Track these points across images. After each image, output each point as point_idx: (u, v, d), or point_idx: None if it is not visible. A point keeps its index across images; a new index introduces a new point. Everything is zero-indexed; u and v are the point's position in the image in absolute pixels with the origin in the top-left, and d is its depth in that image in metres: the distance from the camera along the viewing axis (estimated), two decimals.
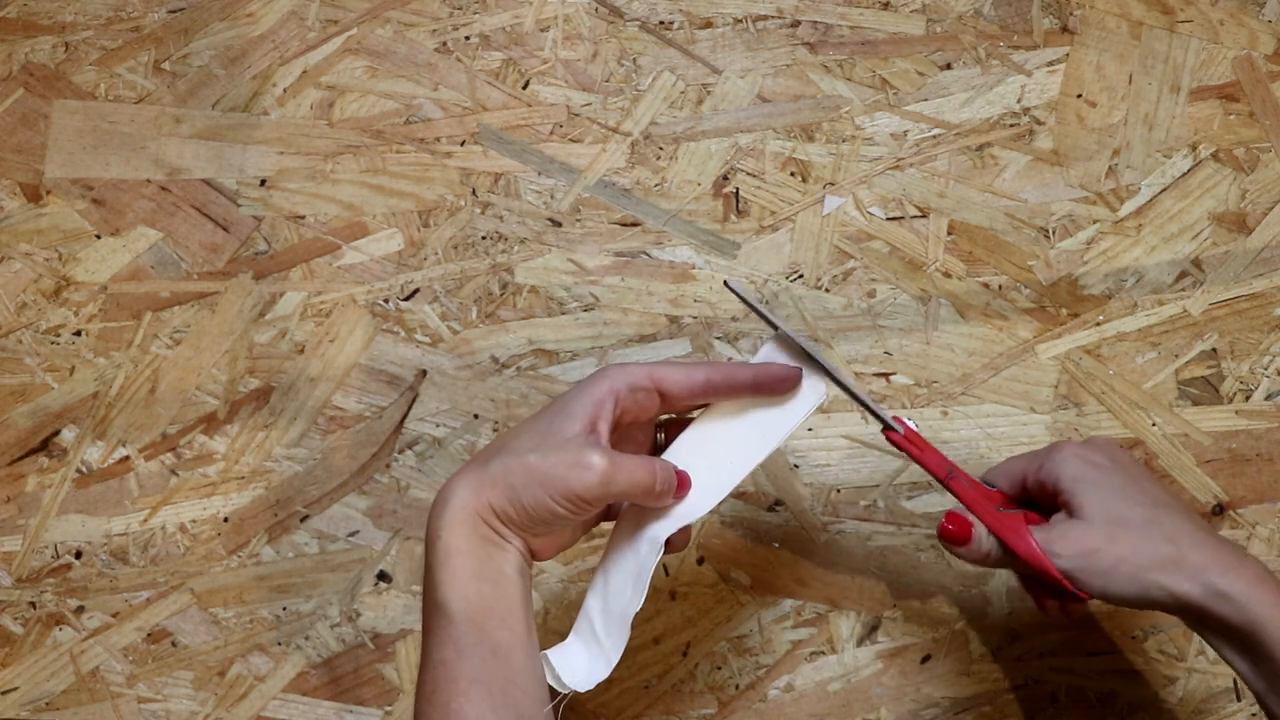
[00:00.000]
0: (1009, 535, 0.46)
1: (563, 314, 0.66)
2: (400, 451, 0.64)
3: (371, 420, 0.64)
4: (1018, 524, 0.46)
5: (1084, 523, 0.45)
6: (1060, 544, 0.45)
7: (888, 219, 0.67)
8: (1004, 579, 0.61)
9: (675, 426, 0.49)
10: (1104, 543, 0.44)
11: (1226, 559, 0.43)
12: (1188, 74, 0.69)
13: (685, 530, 0.47)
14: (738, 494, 0.62)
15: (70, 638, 0.61)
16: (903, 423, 0.49)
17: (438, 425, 0.64)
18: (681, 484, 0.46)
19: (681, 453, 0.48)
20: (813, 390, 0.48)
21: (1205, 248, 0.66)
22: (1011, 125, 0.68)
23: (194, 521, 0.63)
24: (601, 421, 0.43)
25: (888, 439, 0.49)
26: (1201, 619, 0.43)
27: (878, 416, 0.49)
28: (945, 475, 0.48)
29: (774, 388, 0.47)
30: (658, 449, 0.49)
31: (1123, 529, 0.44)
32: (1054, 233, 0.66)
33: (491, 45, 0.71)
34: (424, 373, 0.65)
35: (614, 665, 0.46)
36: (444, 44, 0.71)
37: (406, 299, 0.66)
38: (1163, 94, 0.69)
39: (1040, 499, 0.48)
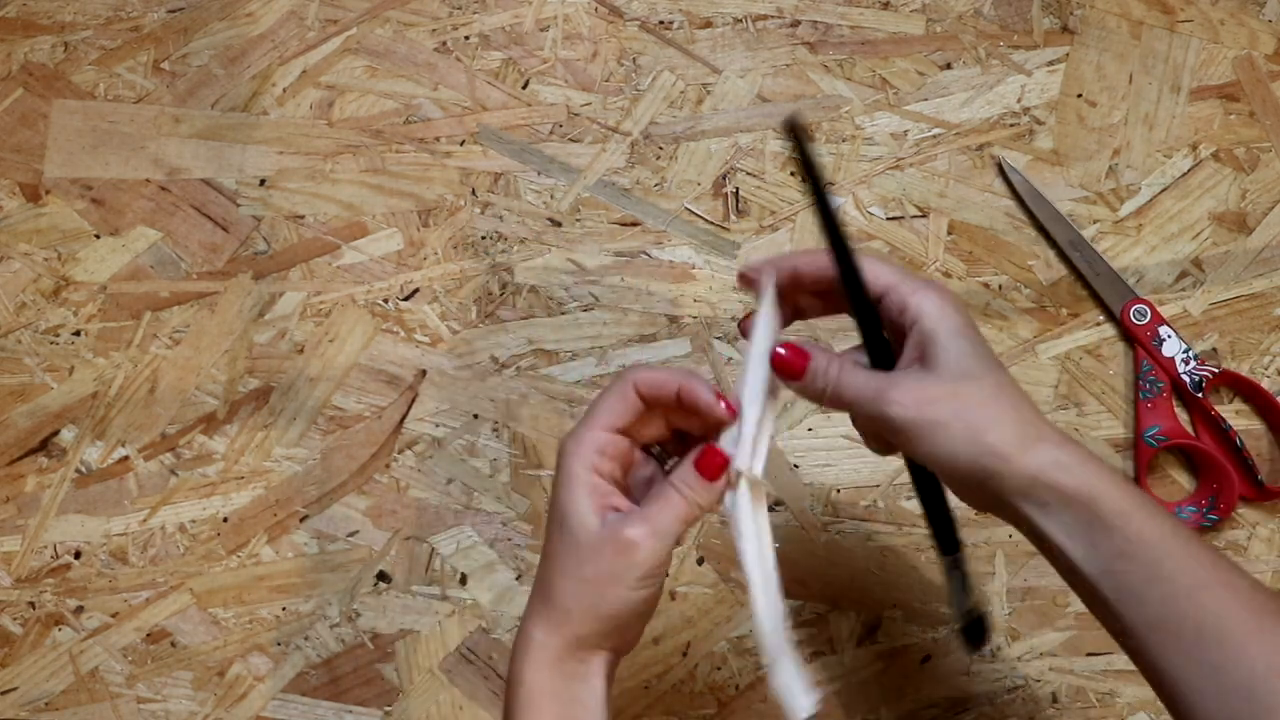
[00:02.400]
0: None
1: (562, 314, 0.66)
2: (400, 451, 0.64)
3: (371, 420, 0.64)
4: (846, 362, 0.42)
5: (934, 376, 0.40)
6: (899, 392, 0.40)
7: (888, 219, 0.67)
8: (1004, 579, 0.61)
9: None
10: (949, 399, 0.40)
11: (1058, 434, 0.40)
12: (1188, 74, 0.69)
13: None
14: None
15: (70, 638, 0.61)
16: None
17: (437, 425, 0.64)
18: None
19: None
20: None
21: (1205, 248, 0.66)
22: (1011, 125, 0.68)
23: (193, 521, 0.63)
24: (607, 498, 0.42)
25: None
26: (1033, 493, 0.39)
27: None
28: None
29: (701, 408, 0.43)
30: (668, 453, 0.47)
31: (974, 389, 0.40)
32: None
33: (491, 45, 0.71)
34: (424, 373, 0.65)
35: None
36: (444, 44, 0.71)
37: (406, 299, 0.66)
38: (1163, 94, 0.69)
39: (890, 324, 0.43)
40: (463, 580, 0.62)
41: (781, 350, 0.43)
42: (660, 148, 0.68)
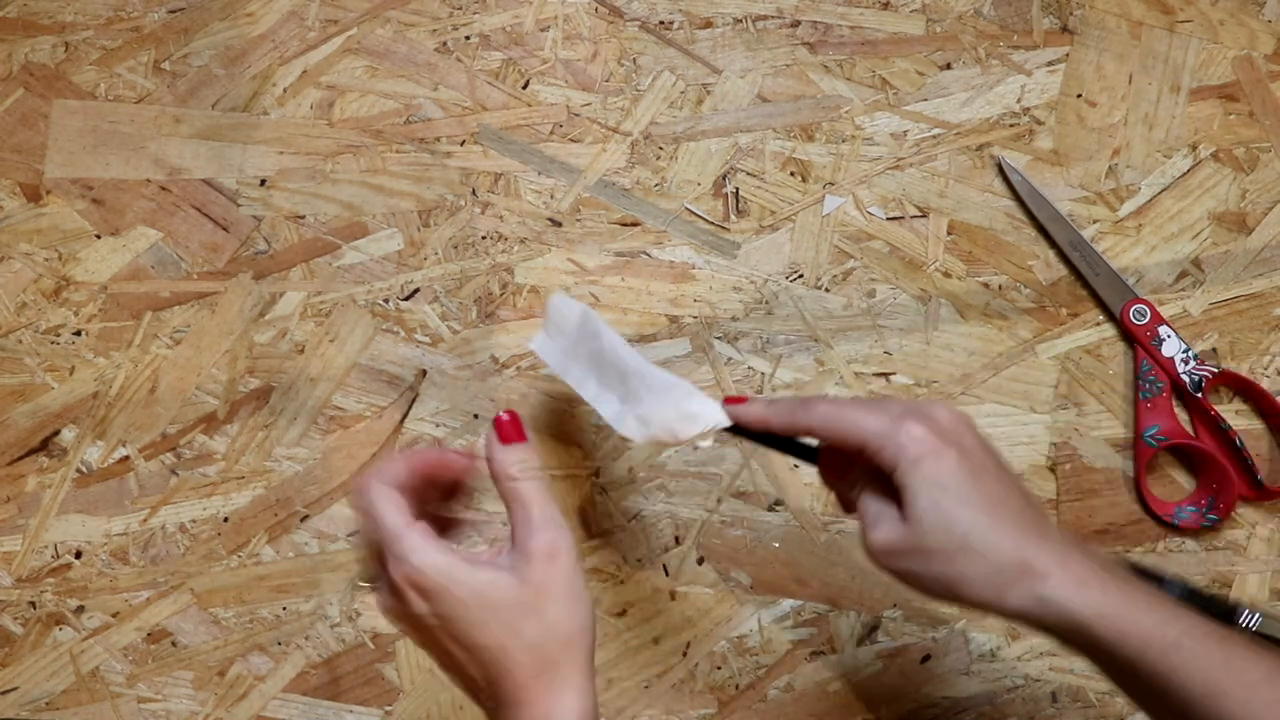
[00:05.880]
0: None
1: None
2: (401, 451, 0.64)
3: (371, 420, 0.64)
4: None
5: (906, 527, 0.42)
6: (876, 536, 0.43)
7: (888, 219, 0.67)
8: None
9: None
10: (914, 554, 0.41)
11: (1049, 553, 0.40)
12: (1188, 74, 0.69)
13: None
14: (737, 494, 0.62)
15: (70, 638, 0.61)
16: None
17: (438, 425, 0.64)
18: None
19: None
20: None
21: (1205, 248, 0.66)
22: (1011, 125, 0.68)
23: (194, 521, 0.63)
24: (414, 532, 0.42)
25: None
26: (1028, 624, 0.41)
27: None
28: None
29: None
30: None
31: (941, 541, 0.41)
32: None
33: (491, 45, 0.71)
34: (424, 373, 0.65)
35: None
36: (444, 44, 0.71)
37: (406, 299, 0.66)
38: (1163, 94, 0.69)
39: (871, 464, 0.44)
40: None
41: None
42: (660, 148, 0.69)
